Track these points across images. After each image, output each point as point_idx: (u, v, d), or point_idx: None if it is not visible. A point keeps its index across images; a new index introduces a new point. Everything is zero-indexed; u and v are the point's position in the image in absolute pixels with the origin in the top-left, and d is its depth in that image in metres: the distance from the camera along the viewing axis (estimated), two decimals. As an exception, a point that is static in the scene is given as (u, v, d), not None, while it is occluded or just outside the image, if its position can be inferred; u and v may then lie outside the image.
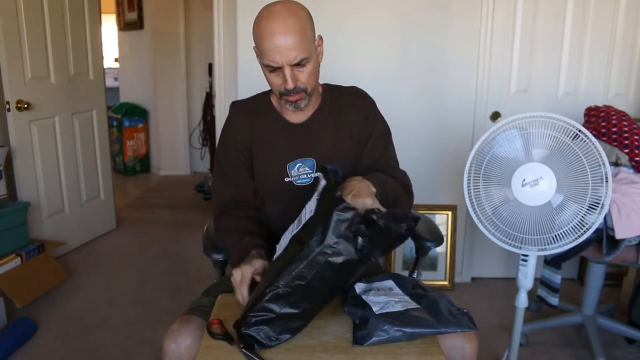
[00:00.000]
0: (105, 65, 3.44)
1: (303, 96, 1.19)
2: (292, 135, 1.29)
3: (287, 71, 1.13)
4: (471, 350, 1.10)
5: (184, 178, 4.91)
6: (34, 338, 2.12)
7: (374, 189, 1.09)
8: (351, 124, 1.30)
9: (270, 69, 1.15)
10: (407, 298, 1.07)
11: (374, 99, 1.38)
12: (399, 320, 0.97)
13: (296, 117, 1.30)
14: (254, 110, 1.33)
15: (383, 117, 1.36)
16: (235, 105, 1.38)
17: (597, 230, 1.67)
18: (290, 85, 1.14)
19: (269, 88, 1.26)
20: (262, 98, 1.35)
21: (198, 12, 4.71)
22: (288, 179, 1.27)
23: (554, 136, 1.43)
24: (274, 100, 1.33)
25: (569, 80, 2.51)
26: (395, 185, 1.23)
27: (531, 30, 2.45)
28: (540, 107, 2.45)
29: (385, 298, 1.05)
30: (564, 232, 1.45)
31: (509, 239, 1.51)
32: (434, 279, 2.59)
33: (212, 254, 1.33)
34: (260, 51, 1.15)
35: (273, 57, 1.11)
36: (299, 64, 1.13)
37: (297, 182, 1.27)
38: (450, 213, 2.58)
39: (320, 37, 1.22)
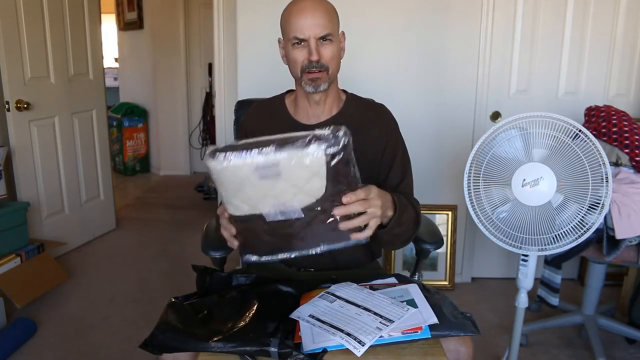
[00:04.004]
0: (105, 65, 3.43)
1: (324, 76, 1.19)
2: None
3: (313, 43, 1.15)
4: (466, 354, 1.09)
5: (183, 178, 4.90)
6: (33, 338, 2.12)
7: (390, 213, 1.06)
8: (370, 140, 1.28)
9: (296, 42, 1.16)
10: (409, 299, 1.07)
11: (374, 100, 1.37)
12: (400, 321, 0.97)
13: (308, 119, 1.29)
14: (266, 110, 1.35)
15: (403, 140, 1.34)
16: (252, 104, 1.41)
17: (598, 230, 1.67)
18: (314, 56, 1.15)
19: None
20: (278, 98, 1.36)
21: (198, 12, 4.70)
22: None
23: (554, 136, 1.43)
24: (288, 101, 1.33)
25: (569, 80, 2.50)
26: (409, 218, 1.16)
27: (531, 30, 2.45)
28: (540, 107, 2.45)
29: (386, 298, 1.05)
30: (564, 232, 1.45)
31: (509, 239, 1.51)
32: (434, 279, 2.59)
33: (210, 251, 1.33)
34: (286, 30, 1.17)
35: (301, 29, 1.14)
36: (324, 38, 1.15)
37: None
38: (450, 213, 2.58)
39: (343, 34, 1.25)
